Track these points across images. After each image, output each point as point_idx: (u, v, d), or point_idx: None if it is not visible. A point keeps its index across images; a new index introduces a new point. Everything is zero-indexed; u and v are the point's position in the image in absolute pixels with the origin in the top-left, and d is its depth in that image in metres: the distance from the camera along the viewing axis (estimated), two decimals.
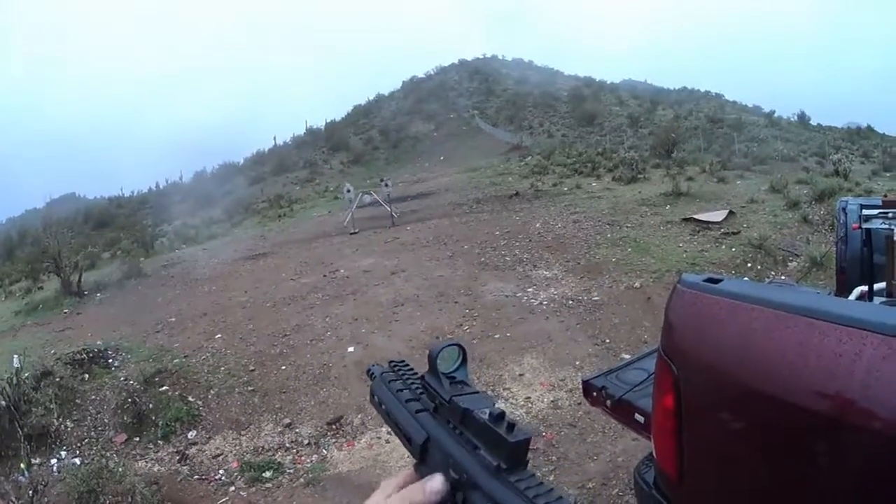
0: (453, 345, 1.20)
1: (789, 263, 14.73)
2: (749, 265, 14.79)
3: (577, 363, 9.89)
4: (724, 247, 16.29)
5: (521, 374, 10.03)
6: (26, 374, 11.58)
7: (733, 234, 17.21)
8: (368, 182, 43.10)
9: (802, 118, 55.64)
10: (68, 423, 10.46)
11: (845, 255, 7.22)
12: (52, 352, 13.95)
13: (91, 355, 13.18)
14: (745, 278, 13.71)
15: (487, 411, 0.98)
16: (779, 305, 2.77)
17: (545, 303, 13.58)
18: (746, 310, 2.85)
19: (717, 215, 18.80)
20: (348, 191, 31.61)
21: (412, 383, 1.23)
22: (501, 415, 0.96)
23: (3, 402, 10.47)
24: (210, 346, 13.69)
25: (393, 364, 1.33)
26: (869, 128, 55.49)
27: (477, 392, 1.10)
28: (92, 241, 45.69)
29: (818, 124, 55.11)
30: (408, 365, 1.31)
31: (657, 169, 31.28)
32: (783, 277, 13.57)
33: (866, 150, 44.03)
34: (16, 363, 11.67)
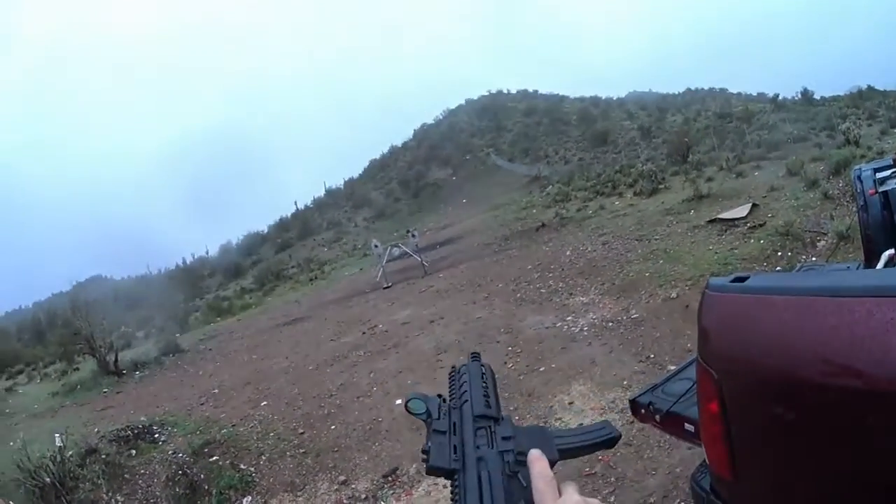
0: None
1: (818, 244, 14.62)
2: (779, 254, 14.69)
3: (625, 383, 9.83)
4: (752, 241, 16.21)
5: (570, 403, 9.96)
6: (70, 452, 11.63)
7: (759, 226, 17.16)
8: (395, 235, 43.32)
9: (806, 95, 55.30)
10: (118, 498, 10.48)
11: (867, 222, 7.16)
12: (96, 430, 13.96)
13: (136, 432, 13.20)
14: (778, 268, 13.68)
15: None
16: (804, 291, 2.80)
17: (586, 328, 13.50)
18: (775, 302, 2.86)
19: (741, 210, 18.77)
20: (375, 246, 31.81)
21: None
22: None
23: (48, 479, 10.52)
24: (257, 414, 13.72)
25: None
26: (870, 88, 55.19)
27: None
28: (125, 321, 45.75)
29: (821, 98, 54.81)
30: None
31: (676, 176, 31.26)
32: (813, 259, 13.49)
33: (871, 111, 43.83)
34: (58, 442, 11.73)
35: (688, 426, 4.39)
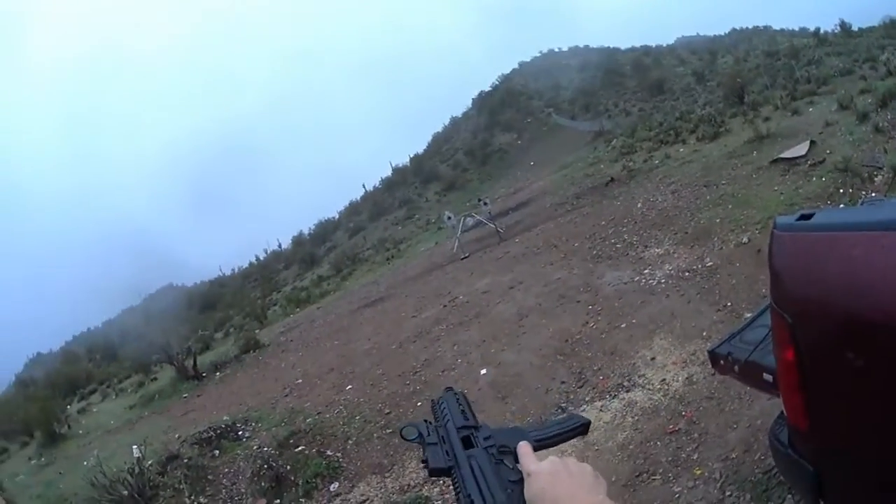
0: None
1: (875, 179, 14.43)
2: (841, 191, 14.51)
3: (705, 333, 9.86)
4: (814, 179, 16.07)
5: (652, 358, 10.04)
6: (150, 462, 11.90)
7: (819, 163, 17.02)
8: (468, 205, 43.16)
9: (845, 27, 54.02)
10: (201, 500, 10.74)
11: None
12: (177, 436, 14.28)
13: (219, 432, 13.46)
14: (841, 205, 13.52)
15: None
16: (871, 226, 2.82)
17: (663, 281, 13.54)
18: (843, 239, 2.89)
19: (801, 149, 18.60)
20: (449, 218, 31.94)
21: None
22: None
23: (125, 492, 10.79)
24: (342, 399, 13.96)
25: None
26: None
27: None
28: (201, 325, 46.48)
29: (859, 29, 53.49)
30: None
31: (735, 118, 30.87)
32: (874, 195, 13.33)
33: None
34: (136, 453, 11.96)
35: (766, 376, 4.35)
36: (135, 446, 12.50)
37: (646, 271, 14.56)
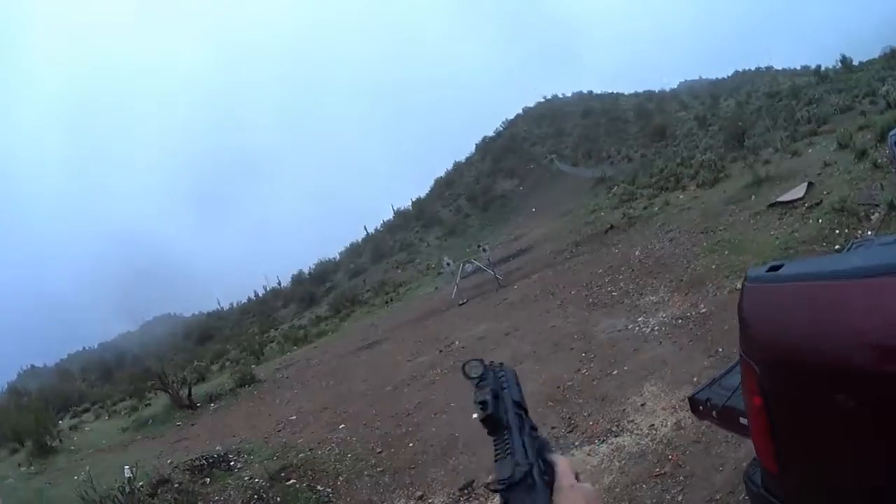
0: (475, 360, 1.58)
1: (871, 217, 14.55)
2: (836, 232, 14.65)
3: (695, 380, 9.79)
4: (811, 221, 16.25)
5: (642, 405, 10.05)
6: (140, 483, 11.86)
7: (817, 204, 17.16)
8: (468, 251, 43.28)
9: (845, 62, 54.09)
10: None
11: None
12: (169, 461, 14.15)
13: (211, 461, 13.39)
14: (836, 247, 13.59)
15: None
16: (833, 275, 2.87)
17: (656, 328, 13.58)
18: (807, 289, 2.94)
19: (798, 191, 18.76)
20: (448, 264, 32.18)
21: None
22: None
23: None
24: (335, 437, 13.94)
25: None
26: None
27: None
28: (197, 356, 46.20)
29: (860, 63, 53.59)
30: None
31: (735, 163, 31.03)
32: (868, 233, 13.39)
33: None
34: (128, 473, 11.93)
35: (742, 420, 4.31)
36: (127, 467, 12.52)
37: (640, 319, 14.60)
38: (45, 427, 20.87)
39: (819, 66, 59.93)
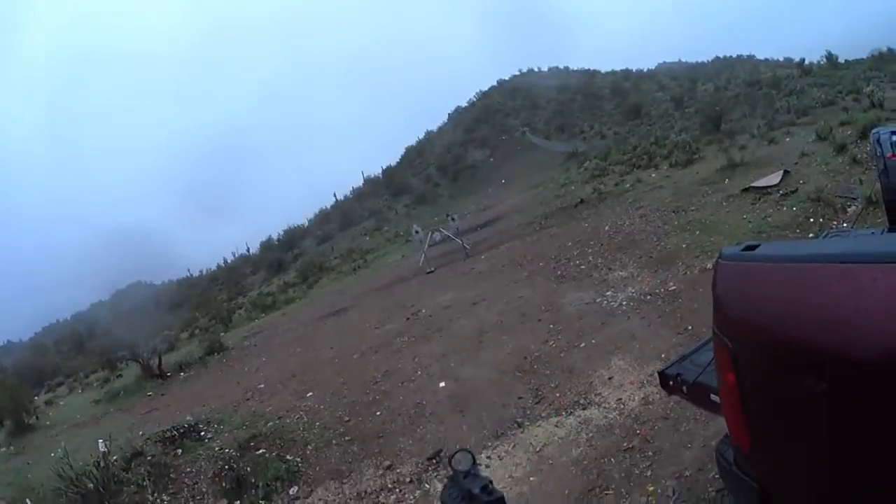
0: (464, 450, 1.70)
1: (848, 209, 14.72)
2: (811, 220, 14.82)
3: (663, 356, 9.86)
4: (785, 208, 16.38)
5: (609, 378, 10.12)
6: (115, 457, 11.81)
7: (792, 192, 17.28)
8: (436, 220, 43.24)
9: (831, 59, 54.30)
10: (164, 498, 10.65)
11: (888, 185, 7.13)
12: (141, 433, 14.13)
13: (182, 431, 13.38)
14: (810, 235, 13.71)
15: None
16: (811, 258, 2.88)
17: (625, 303, 13.67)
18: (783, 270, 2.94)
19: (774, 178, 18.87)
20: (416, 232, 31.95)
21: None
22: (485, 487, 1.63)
23: (91, 485, 10.71)
24: (303, 405, 13.90)
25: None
26: (890, 50, 54.43)
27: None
28: (167, 325, 46.27)
29: (846, 61, 53.87)
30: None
31: (710, 146, 31.12)
32: (845, 225, 13.49)
33: (893, 75, 43.33)
34: (102, 447, 11.86)
35: (713, 397, 4.37)
36: (101, 441, 12.38)
37: (608, 293, 14.67)
38: (22, 405, 20.91)
39: (803, 60, 60.15)
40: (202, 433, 13.41)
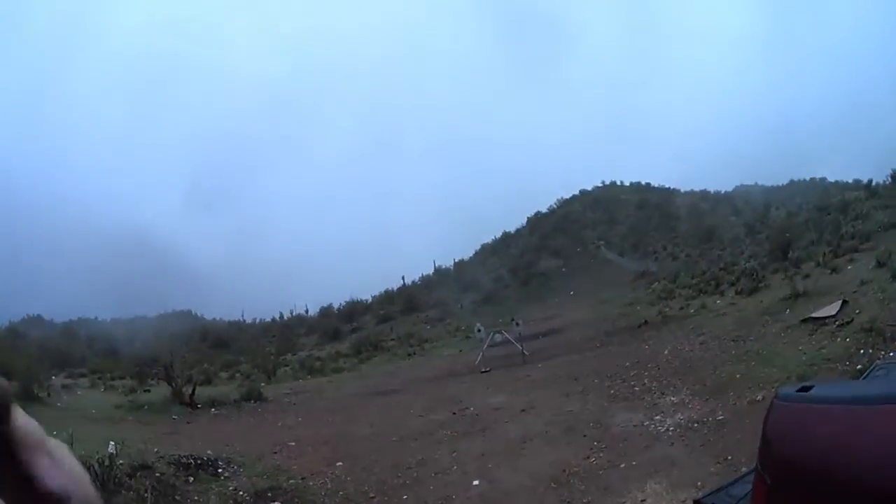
0: None
1: None
2: (861, 352, 14.53)
3: (699, 483, 9.79)
4: (839, 339, 16.14)
5: (642, 500, 10.01)
6: (121, 461, 11.77)
7: (848, 323, 17.02)
8: (500, 321, 43.10)
9: (895, 176, 53.24)
10: None
11: None
12: (156, 450, 13.93)
13: (199, 462, 13.29)
14: (859, 366, 13.46)
15: None
16: (857, 400, 2.87)
17: (671, 428, 13.52)
18: (831, 412, 2.92)
19: (832, 308, 18.66)
20: (479, 330, 32.27)
21: None
22: None
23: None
24: (330, 472, 13.89)
25: None
26: None
27: None
28: (208, 359, 45.24)
29: None
30: None
31: (776, 273, 31.14)
32: (892, 354, 13.26)
33: None
34: (111, 448, 11.83)
35: None
36: (112, 442, 12.39)
37: (657, 417, 14.53)
38: (36, 376, 20.85)
39: (870, 181, 59.50)
40: (220, 470, 13.38)
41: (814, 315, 18.80)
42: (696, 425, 13.26)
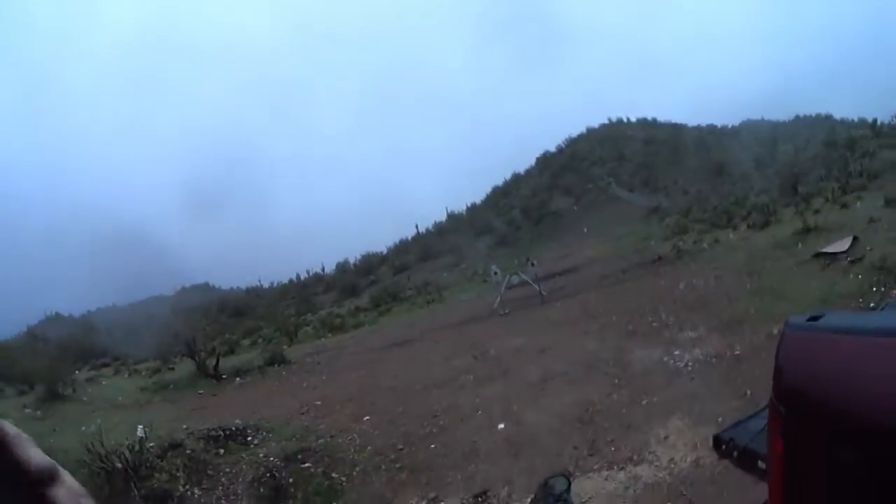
0: (562, 475, 1.94)
1: None
2: (874, 289, 14.74)
3: (720, 419, 9.83)
4: (851, 276, 16.33)
5: (665, 437, 10.24)
6: (151, 444, 11.99)
7: (859, 259, 17.20)
8: (515, 262, 42.93)
9: None
10: (196, 491, 10.84)
11: None
12: (184, 427, 14.22)
13: (228, 433, 13.53)
14: (871, 304, 13.58)
15: None
16: (870, 331, 3.00)
17: (690, 364, 13.70)
18: (843, 342, 3.02)
19: (843, 244, 18.80)
20: (495, 273, 32.32)
21: None
22: None
23: (120, 465, 10.91)
24: (358, 428, 14.11)
25: None
26: None
27: None
28: (229, 329, 46.10)
29: None
30: None
31: (787, 208, 31.16)
32: None
33: None
34: (140, 433, 12.04)
35: (760, 463, 4.21)
36: (140, 426, 12.63)
37: (676, 352, 14.68)
38: (59, 374, 20.83)
39: (875, 120, 58.95)
40: (249, 438, 13.66)
41: (825, 250, 18.92)
42: (714, 360, 13.47)
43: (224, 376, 23.47)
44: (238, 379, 23.26)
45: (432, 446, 12.36)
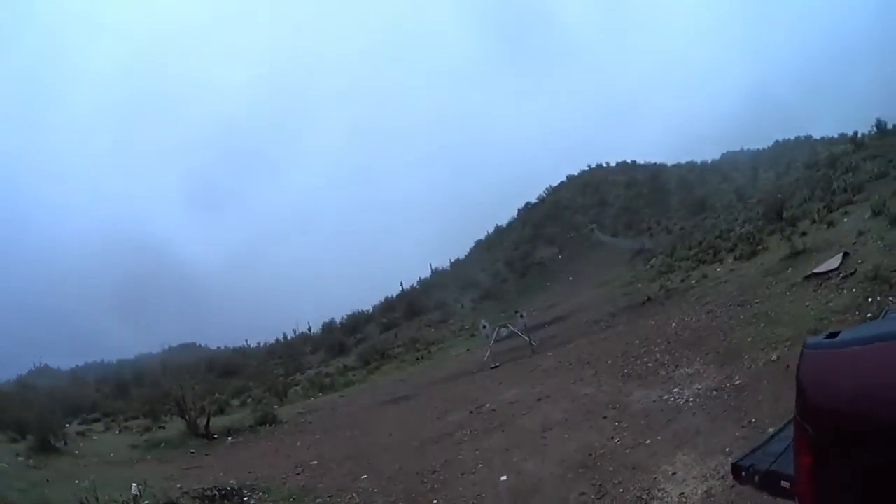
0: None
1: None
2: (870, 300, 14.64)
3: (727, 450, 9.86)
4: (844, 291, 16.25)
5: (673, 473, 10.05)
6: (146, 502, 11.75)
7: (851, 274, 17.16)
8: (503, 315, 43.17)
9: (880, 127, 52.96)
10: None
11: None
12: (178, 486, 14.05)
13: (223, 493, 13.36)
14: (868, 315, 13.53)
15: None
16: (884, 338, 2.94)
17: (691, 399, 13.56)
18: (860, 353, 3.08)
19: (833, 262, 18.77)
20: (484, 326, 32.34)
21: None
22: None
23: None
24: (356, 487, 13.87)
25: None
26: None
27: None
28: (218, 388, 44.41)
29: (894, 126, 52.65)
30: None
31: (773, 235, 31.12)
32: None
33: None
34: (134, 490, 11.83)
35: (784, 483, 4.43)
36: (134, 484, 12.42)
37: (675, 390, 14.56)
38: (50, 426, 20.50)
39: (856, 133, 59.45)
40: (245, 499, 13.50)
41: (816, 271, 18.87)
42: (714, 393, 13.32)
43: (215, 436, 23.33)
44: (230, 438, 23.12)
45: (434, 502, 12.12)
